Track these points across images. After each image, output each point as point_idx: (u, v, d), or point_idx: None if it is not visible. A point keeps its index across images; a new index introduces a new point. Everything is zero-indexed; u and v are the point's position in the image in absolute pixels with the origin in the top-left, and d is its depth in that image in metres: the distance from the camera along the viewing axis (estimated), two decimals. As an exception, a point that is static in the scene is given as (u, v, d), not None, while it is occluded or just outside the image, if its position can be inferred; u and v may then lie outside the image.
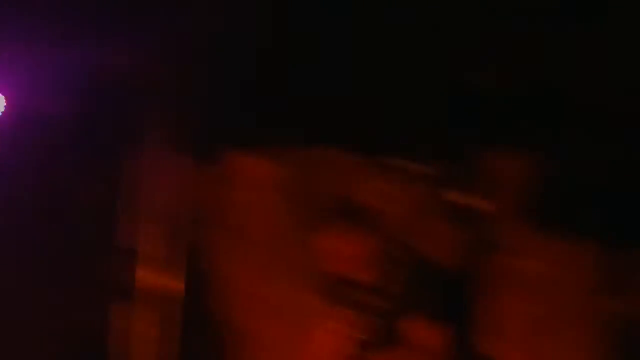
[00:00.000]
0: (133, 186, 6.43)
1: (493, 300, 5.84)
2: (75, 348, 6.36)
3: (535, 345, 5.74)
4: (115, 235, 6.37)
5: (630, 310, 5.28)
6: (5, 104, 6.15)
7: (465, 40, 5.70)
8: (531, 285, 5.77)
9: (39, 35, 6.18)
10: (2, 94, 6.16)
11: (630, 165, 5.54)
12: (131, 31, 6.25)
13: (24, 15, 6.18)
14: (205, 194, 6.37)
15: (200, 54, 6.16)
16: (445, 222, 5.88)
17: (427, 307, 5.76)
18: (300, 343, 6.02)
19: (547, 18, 5.58)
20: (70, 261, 6.38)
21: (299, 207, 6.23)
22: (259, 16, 6.10)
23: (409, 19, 5.84)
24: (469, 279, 5.88)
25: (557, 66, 5.53)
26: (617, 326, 5.60)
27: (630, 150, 5.52)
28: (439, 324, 3.87)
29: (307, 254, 6.18)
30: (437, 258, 5.81)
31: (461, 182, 5.90)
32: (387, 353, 3.69)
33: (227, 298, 6.29)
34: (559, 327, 5.72)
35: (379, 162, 5.96)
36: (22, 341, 6.31)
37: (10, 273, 6.32)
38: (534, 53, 5.57)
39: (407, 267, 5.71)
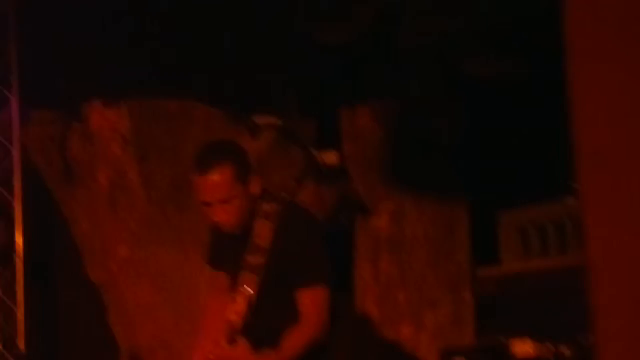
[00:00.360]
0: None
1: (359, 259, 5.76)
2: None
3: (395, 301, 5.65)
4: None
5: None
6: None
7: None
8: (387, 243, 5.65)
9: None
10: None
11: (476, 120, 5.34)
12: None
13: None
14: (69, 148, 6.27)
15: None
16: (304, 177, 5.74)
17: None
18: (175, 307, 6.01)
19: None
20: None
21: (161, 161, 6.13)
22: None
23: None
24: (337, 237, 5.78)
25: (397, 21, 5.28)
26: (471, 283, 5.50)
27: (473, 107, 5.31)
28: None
29: (178, 215, 6.09)
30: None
31: (314, 138, 5.75)
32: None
33: (93, 259, 6.27)
34: (417, 284, 5.61)
35: (235, 116, 5.80)
36: None
37: None
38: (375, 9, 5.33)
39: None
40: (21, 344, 6.38)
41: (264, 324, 3.71)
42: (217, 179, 3.66)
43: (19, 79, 6.35)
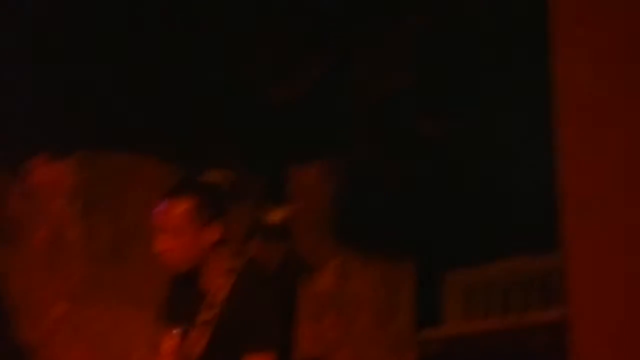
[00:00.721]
0: None
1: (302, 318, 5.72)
2: None
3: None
4: None
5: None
6: None
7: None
8: (331, 302, 5.64)
9: None
10: None
11: (422, 179, 5.38)
12: None
13: None
14: (7, 205, 6.18)
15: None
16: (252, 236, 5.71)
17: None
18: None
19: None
20: None
21: (104, 216, 6.07)
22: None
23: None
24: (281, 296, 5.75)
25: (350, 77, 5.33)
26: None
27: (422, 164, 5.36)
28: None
29: (121, 271, 6.02)
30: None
31: (263, 195, 5.74)
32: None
33: (25, 318, 6.14)
34: (360, 345, 5.60)
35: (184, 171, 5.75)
36: None
37: None
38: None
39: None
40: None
41: None
42: (174, 207, 3.55)
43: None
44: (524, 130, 5.19)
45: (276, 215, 5.72)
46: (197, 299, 3.63)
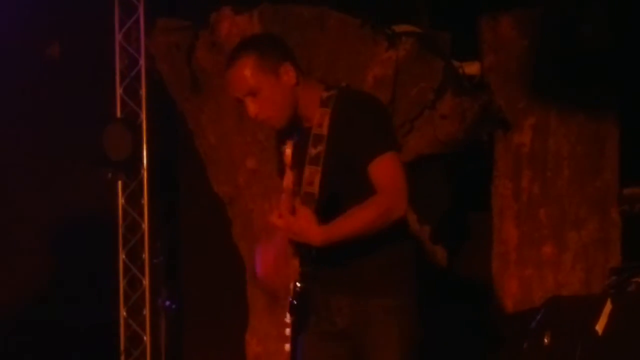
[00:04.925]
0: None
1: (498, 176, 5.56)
2: None
3: (536, 220, 5.46)
4: None
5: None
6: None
7: None
8: (529, 159, 5.45)
9: None
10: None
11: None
12: None
13: None
14: (197, 57, 6.13)
15: None
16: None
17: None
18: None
19: None
20: None
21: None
22: None
23: None
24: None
25: None
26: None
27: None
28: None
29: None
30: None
31: (450, 49, 5.54)
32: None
33: (219, 172, 6.15)
34: (560, 203, 5.41)
35: (371, 25, 5.60)
36: None
37: None
38: None
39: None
40: (145, 255, 6.33)
41: (333, 214, 3.44)
42: (239, 72, 3.50)
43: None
44: None
45: (471, 68, 5.52)
46: (305, 140, 3.52)
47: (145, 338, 6.31)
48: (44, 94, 6.39)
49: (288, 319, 3.50)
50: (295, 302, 3.47)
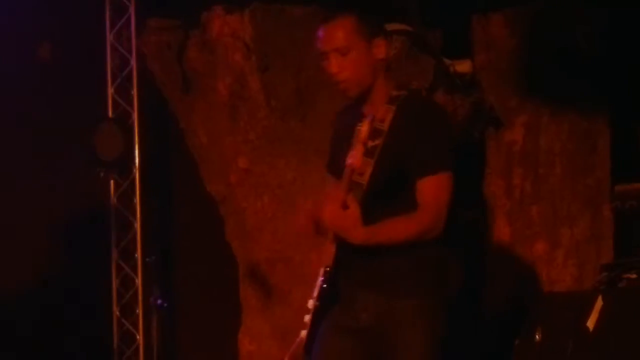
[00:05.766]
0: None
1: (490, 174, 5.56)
2: None
3: (528, 217, 5.47)
4: None
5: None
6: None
7: None
8: (521, 157, 5.45)
9: None
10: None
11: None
12: None
13: None
14: (188, 57, 6.13)
15: None
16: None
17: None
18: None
19: None
20: None
21: (283, 70, 5.96)
22: None
23: None
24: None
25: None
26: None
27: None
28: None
29: (300, 126, 5.95)
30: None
31: (440, 47, 5.55)
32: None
33: (211, 171, 6.16)
34: (552, 200, 5.42)
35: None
36: None
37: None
38: None
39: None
40: (138, 254, 6.34)
41: (376, 211, 3.49)
42: (336, 26, 3.56)
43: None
44: None
45: (462, 66, 5.52)
46: (354, 120, 3.54)
47: (138, 337, 6.32)
48: (35, 94, 6.39)
49: (311, 305, 3.50)
50: (325, 287, 3.48)
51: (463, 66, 5.50)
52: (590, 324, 4.05)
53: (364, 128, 3.43)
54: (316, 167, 5.85)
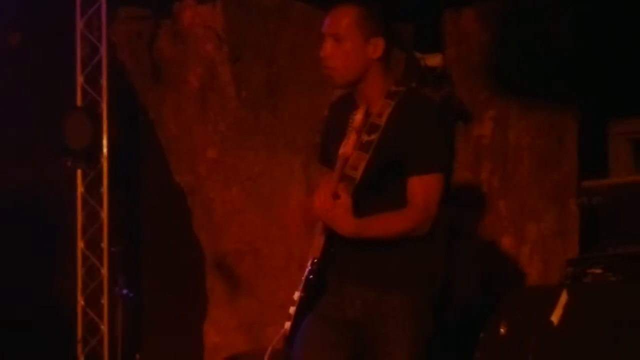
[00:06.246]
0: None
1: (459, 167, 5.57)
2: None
3: (496, 211, 5.47)
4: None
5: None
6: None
7: None
8: (490, 151, 5.46)
9: None
10: None
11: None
12: None
13: None
14: (158, 47, 6.11)
15: None
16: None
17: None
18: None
19: None
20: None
21: (254, 61, 5.95)
22: None
23: None
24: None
25: None
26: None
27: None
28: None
29: (270, 118, 5.93)
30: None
31: (412, 41, 5.54)
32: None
33: (180, 161, 6.14)
34: (520, 194, 5.43)
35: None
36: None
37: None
38: None
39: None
40: (104, 244, 6.31)
41: (366, 205, 3.48)
42: (340, 13, 3.58)
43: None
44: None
45: (433, 60, 5.52)
46: (349, 112, 3.55)
47: (102, 327, 6.28)
48: (3, 81, 6.35)
49: (296, 296, 3.50)
50: (312, 278, 3.47)
51: (434, 60, 5.49)
52: (555, 318, 4.05)
53: (357, 117, 3.45)
54: (286, 159, 5.88)
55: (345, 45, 3.54)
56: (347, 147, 3.45)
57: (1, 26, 6.38)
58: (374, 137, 3.49)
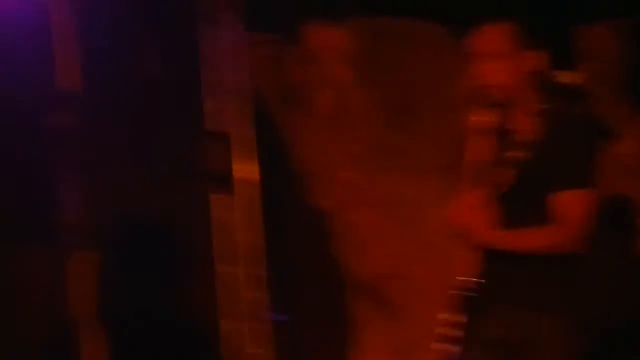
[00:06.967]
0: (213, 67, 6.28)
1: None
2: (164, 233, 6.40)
3: None
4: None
5: None
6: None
7: None
8: (632, 169, 5.34)
9: None
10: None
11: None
12: None
13: None
14: (286, 71, 6.13)
15: None
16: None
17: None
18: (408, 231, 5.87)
19: None
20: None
21: (385, 83, 5.93)
22: None
23: None
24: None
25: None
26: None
27: None
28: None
29: (403, 140, 5.91)
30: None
31: (557, 60, 5.42)
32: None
33: (317, 185, 6.14)
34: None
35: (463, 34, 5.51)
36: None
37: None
38: None
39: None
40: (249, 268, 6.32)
41: (512, 222, 3.47)
42: (493, 31, 3.54)
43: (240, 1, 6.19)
44: None
45: (567, 77, 5.42)
46: (502, 140, 3.52)
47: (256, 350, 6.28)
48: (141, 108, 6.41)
49: (446, 317, 3.51)
50: (464, 298, 3.50)
51: (567, 77, 5.39)
52: None
53: (486, 118, 3.47)
54: (420, 181, 5.84)
55: (503, 63, 3.51)
56: (481, 152, 3.44)
57: (137, 52, 6.43)
58: (522, 153, 3.48)
